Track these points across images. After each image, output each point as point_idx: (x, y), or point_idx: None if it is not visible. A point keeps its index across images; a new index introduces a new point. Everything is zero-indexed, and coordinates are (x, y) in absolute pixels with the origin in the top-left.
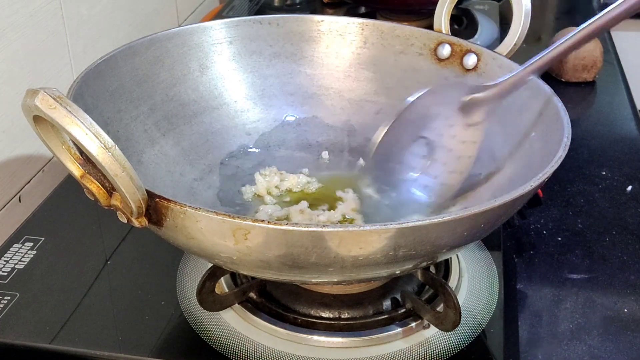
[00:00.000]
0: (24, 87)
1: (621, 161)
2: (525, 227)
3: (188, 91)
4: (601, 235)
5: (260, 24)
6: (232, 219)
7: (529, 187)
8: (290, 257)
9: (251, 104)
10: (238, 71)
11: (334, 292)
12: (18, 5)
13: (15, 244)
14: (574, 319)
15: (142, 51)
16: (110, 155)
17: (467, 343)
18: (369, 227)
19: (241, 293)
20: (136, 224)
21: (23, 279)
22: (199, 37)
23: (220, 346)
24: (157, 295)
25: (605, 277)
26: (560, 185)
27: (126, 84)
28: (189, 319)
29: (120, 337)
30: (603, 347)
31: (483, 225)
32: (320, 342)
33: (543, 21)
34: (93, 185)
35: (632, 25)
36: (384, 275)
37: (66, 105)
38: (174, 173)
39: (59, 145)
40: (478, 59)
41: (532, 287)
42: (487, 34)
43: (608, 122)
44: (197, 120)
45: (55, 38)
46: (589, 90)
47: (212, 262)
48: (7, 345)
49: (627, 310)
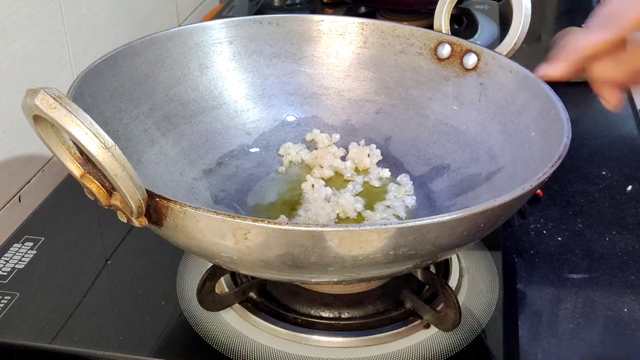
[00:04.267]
0: (24, 87)
1: (621, 161)
2: (525, 227)
3: (188, 91)
4: (601, 235)
5: (260, 23)
6: (232, 218)
7: (529, 187)
8: (290, 256)
9: (251, 103)
10: (238, 71)
11: (334, 292)
12: (18, 5)
13: (15, 243)
14: (574, 319)
15: (142, 51)
16: (110, 155)
17: (467, 343)
18: (369, 227)
19: (241, 293)
20: (136, 223)
21: (23, 278)
22: (199, 37)
23: (220, 346)
24: (157, 295)
25: (605, 277)
26: (560, 185)
27: (126, 83)
28: (189, 319)
29: (120, 337)
30: (603, 347)
31: (483, 225)
32: (320, 342)
33: (543, 21)
34: (93, 185)
35: None
36: (384, 275)
37: (66, 105)
38: (174, 173)
39: (59, 145)
40: (478, 58)
41: (532, 287)
42: (487, 34)
43: (608, 122)
44: (197, 120)
45: (55, 38)
46: (589, 90)
47: (212, 261)
48: (7, 345)
49: (627, 310)
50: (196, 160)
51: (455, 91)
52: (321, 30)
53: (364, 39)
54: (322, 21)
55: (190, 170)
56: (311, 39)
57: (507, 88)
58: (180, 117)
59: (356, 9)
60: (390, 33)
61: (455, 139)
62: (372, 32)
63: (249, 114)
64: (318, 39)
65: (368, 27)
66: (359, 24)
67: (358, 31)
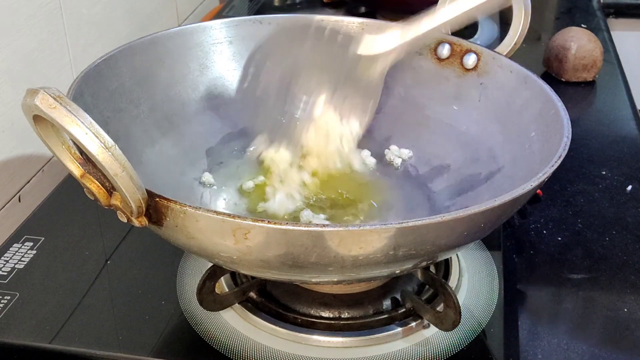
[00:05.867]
0: (24, 87)
1: (621, 161)
2: (525, 227)
3: (188, 91)
4: (601, 235)
5: (260, 23)
6: (232, 218)
7: (529, 187)
8: (290, 256)
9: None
10: (238, 71)
11: (334, 291)
12: (18, 5)
13: (15, 243)
14: (574, 319)
15: (142, 51)
16: (110, 155)
17: (467, 343)
18: (369, 227)
19: (241, 293)
20: (136, 223)
21: (23, 278)
22: (199, 36)
23: (220, 346)
24: (157, 295)
25: (605, 277)
26: (560, 185)
27: (126, 83)
28: (189, 319)
29: (120, 337)
30: (603, 347)
31: (483, 225)
32: (320, 341)
33: (543, 21)
34: (93, 184)
35: (632, 25)
36: (384, 275)
37: (66, 105)
38: (174, 173)
39: (59, 145)
40: (478, 58)
41: (532, 287)
42: (487, 34)
43: (608, 122)
44: (197, 120)
45: (55, 38)
46: (589, 90)
47: (212, 261)
48: (7, 345)
49: (627, 310)
50: (196, 160)
51: (455, 91)
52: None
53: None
54: (322, 21)
55: (190, 170)
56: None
57: (507, 88)
58: (180, 117)
59: (356, 9)
60: None
61: (455, 139)
62: (372, 32)
63: (248, 113)
64: None
65: (368, 27)
66: (359, 24)
67: (358, 31)
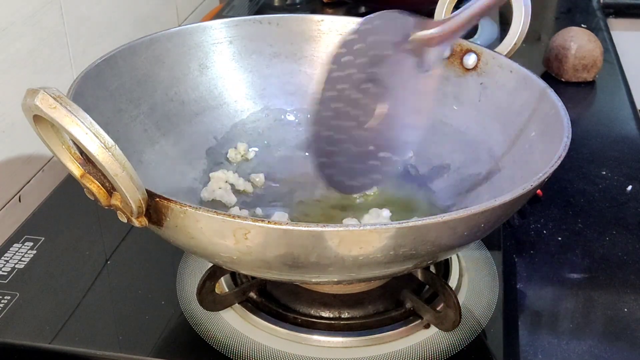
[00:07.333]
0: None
1: (621, 161)
2: (525, 227)
3: (188, 91)
4: (601, 235)
5: (260, 23)
6: (232, 218)
7: (529, 187)
8: (290, 256)
9: (251, 103)
10: (238, 71)
11: (334, 291)
12: (18, 5)
13: (15, 243)
14: (574, 319)
15: (142, 51)
16: (110, 155)
17: (467, 343)
18: (369, 227)
19: (241, 293)
20: (136, 223)
21: (23, 278)
22: (199, 36)
23: (220, 346)
24: (157, 295)
25: (605, 277)
26: (560, 185)
27: (126, 83)
28: (189, 319)
29: (120, 337)
30: (603, 347)
31: (483, 225)
32: (320, 341)
33: (543, 21)
34: (93, 185)
35: (632, 25)
36: (384, 275)
37: (66, 105)
38: (174, 173)
39: (59, 145)
40: (478, 58)
41: (532, 287)
42: (487, 34)
43: (608, 122)
44: (197, 120)
45: (55, 38)
46: (589, 90)
47: (212, 261)
48: (7, 345)
49: (627, 310)
50: (196, 160)
51: (455, 91)
52: (321, 30)
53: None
54: (322, 21)
55: (190, 170)
56: (311, 39)
57: (507, 88)
58: (180, 117)
59: (356, 9)
60: None
61: (455, 139)
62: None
63: (249, 113)
64: (318, 39)
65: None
66: (359, 24)
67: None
